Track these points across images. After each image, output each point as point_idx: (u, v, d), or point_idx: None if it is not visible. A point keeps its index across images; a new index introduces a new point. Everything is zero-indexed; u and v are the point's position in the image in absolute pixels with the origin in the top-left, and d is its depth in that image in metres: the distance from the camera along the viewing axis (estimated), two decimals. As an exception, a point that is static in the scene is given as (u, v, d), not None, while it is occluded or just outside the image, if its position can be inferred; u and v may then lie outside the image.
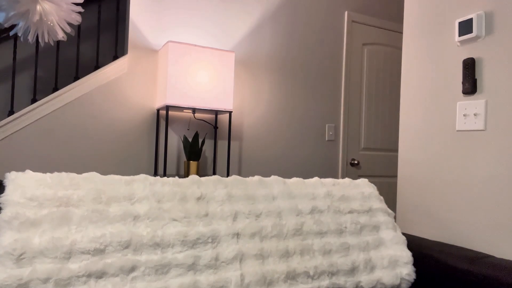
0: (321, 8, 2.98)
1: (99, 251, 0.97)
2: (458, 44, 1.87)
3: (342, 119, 3.13)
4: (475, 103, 1.78)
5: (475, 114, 1.78)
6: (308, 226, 1.24)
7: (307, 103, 2.90)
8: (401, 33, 3.44)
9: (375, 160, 3.34)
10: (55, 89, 2.34)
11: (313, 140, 2.95)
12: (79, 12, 1.19)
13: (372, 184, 1.53)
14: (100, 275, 0.94)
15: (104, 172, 2.29)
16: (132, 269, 0.98)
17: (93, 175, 1.12)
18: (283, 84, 2.78)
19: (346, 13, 3.14)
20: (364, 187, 1.49)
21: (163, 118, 2.36)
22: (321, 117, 3.00)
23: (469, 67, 1.80)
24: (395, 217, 2.65)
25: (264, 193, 1.28)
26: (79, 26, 2.41)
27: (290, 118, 2.78)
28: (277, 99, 2.77)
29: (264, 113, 2.76)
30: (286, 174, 2.77)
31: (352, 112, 3.24)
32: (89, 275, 0.93)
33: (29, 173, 1.05)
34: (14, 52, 2.31)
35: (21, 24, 1.17)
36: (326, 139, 3.03)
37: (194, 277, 1.03)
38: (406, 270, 1.28)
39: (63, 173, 1.10)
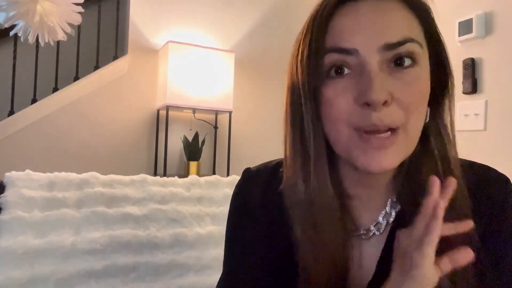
0: (321, 8, 2.98)
1: (99, 252, 0.97)
2: (458, 44, 1.87)
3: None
4: (475, 103, 1.77)
5: (475, 114, 1.78)
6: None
7: (307, 103, 2.88)
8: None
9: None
10: (55, 89, 2.33)
11: (313, 140, 2.94)
12: (79, 12, 1.18)
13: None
14: (100, 275, 0.94)
15: (104, 172, 2.28)
16: (132, 269, 0.98)
17: (93, 175, 1.12)
18: (283, 83, 2.78)
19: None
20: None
21: (163, 118, 2.36)
22: (321, 117, 2.99)
23: (469, 67, 1.80)
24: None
25: (264, 193, 1.28)
26: (79, 26, 2.41)
27: (290, 118, 2.77)
28: (278, 99, 2.77)
29: (264, 113, 2.75)
30: (286, 174, 2.75)
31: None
32: (89, 276, 0.93)
33: (29, 173, 1.05)
34: (14, 52, 2.31)
35: (21, 24, 1.17)
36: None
37: (194, 278, 1.03)
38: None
39: (63, 173, 1.10)
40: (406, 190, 0.48)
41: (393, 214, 0.49)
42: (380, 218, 0.49)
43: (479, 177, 0.49)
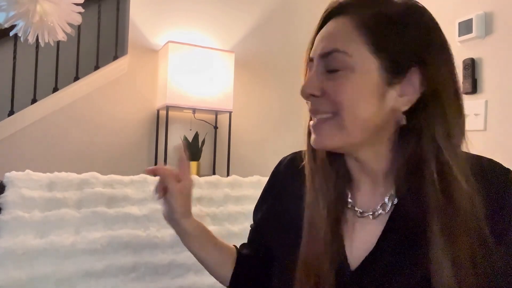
0: (321, 8, 2.98)
1: (99, 252, 0.96)
2: (458, 44, 1.87)
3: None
4: (475, 103, 1.78)
5: (475, 114, 1.78)
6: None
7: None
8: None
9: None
10: (55, 89, 2.33)
11: (313, 140, 2.93)
12: (79, 12, 1.18)
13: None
14: (100, 275, 0.94)
15: (104, 172, 2.29)
16: (132, 269, 0.98)
17: (93, 175, 1.12)
18: (283, 83, 2.78)
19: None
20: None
21: (163, 118, 2.36)
22: (321, 117, 2.98)
23: (469, 67, 1.80)
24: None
25: (264, 193, 1.28)
26: (79, 26, 2.41)
27: (291, 118, 2.77)
28: (277, 99, 2.77)
29: (264, 113, 2.75)
30: (286, 174, 2.74)
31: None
32: (89, 276, 0.93)
33: (29, 173, 1.05)
34: (14, 52, 2.31)
35: (21, 24, 1.17)
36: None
37: (194, 278, 1.03)
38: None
39: (63, 173, 1.10)
40: (404, 186, 0.56)
41: (390, 205, 0.57)
42: (378, 207, 0.58)
43: (484, 169, 0.56)
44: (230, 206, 1.19)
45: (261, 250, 0.73)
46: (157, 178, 0.69)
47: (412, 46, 0.53)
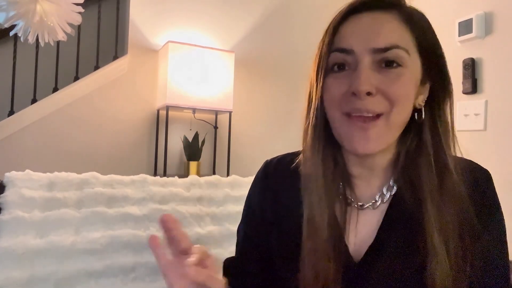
0: (321, 8, 2.98)
1: (99, 252, 0.96)
2: (458, 44, 1.87)
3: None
4: (475, 103, 1.77)
5: (475, 114, 1.78)
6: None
7: (307, 103, 2.87)
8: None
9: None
10: (55, 89, 2.33)
11: (313, 140, 2.93)
12: (79, 12, 1.18)
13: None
14: (100, 275, 0.94)
15: (104, 172, 2.28)
16: (132, 269, 0.98)
17: (93, 175, 1.12)
18: (283, 83, 2.78)
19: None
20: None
21: (163, 118, 2.36)
22: (321, 117, 2.97)
23: (469, 67, 1.80)
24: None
25: (264, 193, 1.28)
26: (79, 26, 2.41)
27: (291, 118, 2.77)
28: (278, 99, 2.77)
29: (264, 113, 2.75)
30: (286, 174, 2.73)
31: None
32: (89, 276, 0.93)
33: (29, 173, 1.05)
34: (14, 52, 2.31)
35: (21, 24, 1.17)
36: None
37: (194, 278, 1.03)
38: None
39: (63, 173, 1.10)
40: (403, 176, 0.58)
41: (389, 195, 0.59)
42: (377, 198, 0.60)
43: (468, 168, 0.58)
44: (230, 206, 1.19)
45: (256, 262, 0.68)
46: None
47: (434, 48, 0.57)
